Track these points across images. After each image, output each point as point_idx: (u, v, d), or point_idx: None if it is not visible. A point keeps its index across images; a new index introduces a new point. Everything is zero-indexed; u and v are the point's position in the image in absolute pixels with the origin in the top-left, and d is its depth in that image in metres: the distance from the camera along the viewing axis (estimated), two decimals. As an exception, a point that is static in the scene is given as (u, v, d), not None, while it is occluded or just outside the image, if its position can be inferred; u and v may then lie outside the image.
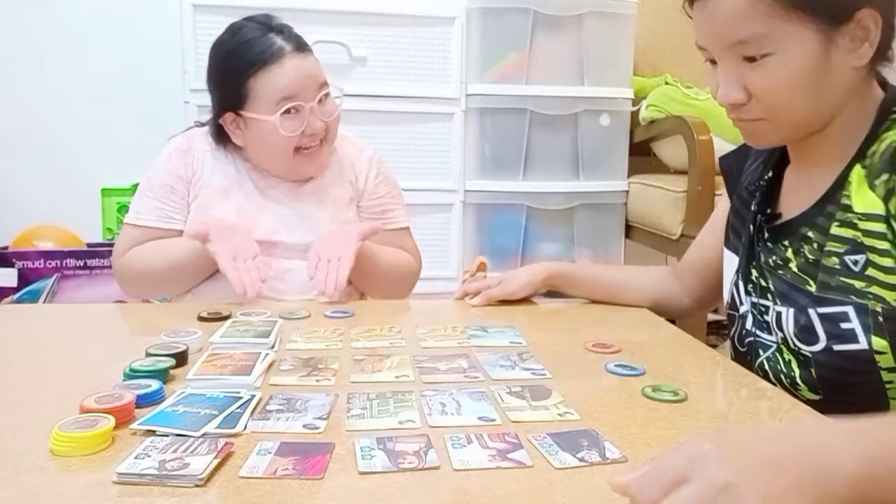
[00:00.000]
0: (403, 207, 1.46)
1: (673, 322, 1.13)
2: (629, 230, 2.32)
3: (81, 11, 2.36)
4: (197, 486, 0.56)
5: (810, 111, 0.83)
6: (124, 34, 2.38)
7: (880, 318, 0.79)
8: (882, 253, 0.79)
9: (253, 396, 0.73)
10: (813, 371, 0.84)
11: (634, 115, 2.26)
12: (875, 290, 0.79)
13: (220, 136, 1.34)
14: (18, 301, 2.00)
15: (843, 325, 0.81)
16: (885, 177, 0.79)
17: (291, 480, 0.58)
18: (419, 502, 0.55)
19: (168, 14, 2.11)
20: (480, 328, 1.01)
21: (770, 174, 0.96)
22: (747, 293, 0.95)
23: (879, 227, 0.79)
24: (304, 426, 0.68)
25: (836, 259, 0.82)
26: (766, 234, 0.93)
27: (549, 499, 0.56)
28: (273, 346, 0.92)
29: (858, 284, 0.80)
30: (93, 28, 2.38)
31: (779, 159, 0.96)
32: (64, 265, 2.11)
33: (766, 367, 0.90)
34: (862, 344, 0.79)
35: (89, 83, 2.39)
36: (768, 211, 0.94)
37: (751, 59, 0.80)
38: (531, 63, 2.16)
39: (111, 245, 2.31)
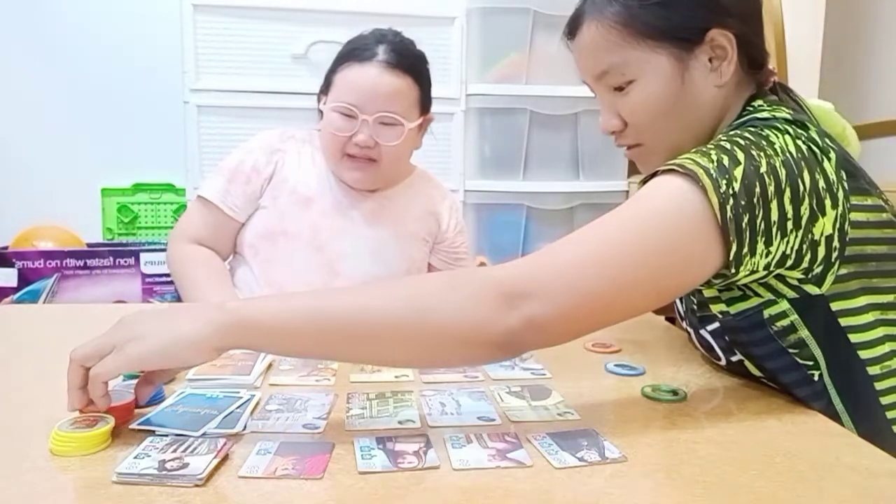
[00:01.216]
0: (470, 255, 1.49)
1: (673, 322, 1.13)
2: (629, 230, 2.32)
3: (81, 11, 2.37)
4: (197, 485, 0.56)
5: (678, 132, 0.84)
6: (124, 34, 2.38)
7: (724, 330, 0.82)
8: None
9: (253, 396, 0.73)
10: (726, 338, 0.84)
11: (634, 114, 2.26)
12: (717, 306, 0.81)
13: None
14: (18, 301, 2.00)
15: (727, 338, 0.83)
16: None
17: (291, 480, 0.58)
18: (419, 502, 0.55)
19: (168, 14, 2.11)
20: (480, 328, 1.01)
21: None
22: (680, 317, 0.97)
23: None
24: (304, 426, 0.68)
25: None
26: None
27: (548, 498, 0.56)
28: (273, 346, 0.92)
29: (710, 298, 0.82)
30: (93, 28, 2.38)
31: None
32: (64, 265, 2.11)
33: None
34: (736, 355, 0.82)
35: (89, 83, 2.39)
36: None
37: (619, 89, 0.84)
38: (531, 63, 2.16)
39: (111, 245, 2.33)
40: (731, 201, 0.68)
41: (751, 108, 0.82)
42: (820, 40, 2.25)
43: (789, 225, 0.71)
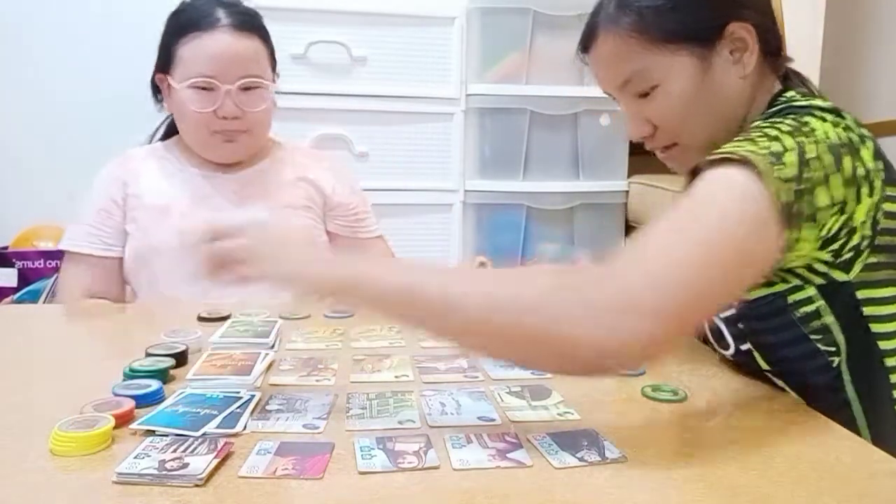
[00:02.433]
0: (373, 216, 1.43)
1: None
2: (629, 230, 2.32)
3: (81, 11, 2.36)
4: (197, 485, 0.56)
5: (710, 127, 0.84)
6: (124, 34, 2.38)
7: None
8: None
9: (253, 396, 0.73)
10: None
11: (634, 115, 2.26)
12: None
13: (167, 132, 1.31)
14: (18, 301, 2.00)
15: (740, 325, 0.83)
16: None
17: (291, 480, 0.58)
18: (419, 502, 0.55)
19: (168, 14, 2.11)
20: (480, 328, 1.01)
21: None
22: None
23: None
24: (304, 426, 0.68)
25: None
26: None
27: (548, 498, 0.56)
28: (273, 346, 0.92)
29: None
30: (93, 28, 2.37)
31: None
32: (64, 265, 2.11)
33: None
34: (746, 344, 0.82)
35: (89, 83, 2.39)
36: None
37: (643, 95, 0.84)
38: (531, 63, 2.16)
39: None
40: (786, 187, 0.68)
41: (783, 99, 0.82)
42: (820, 40, 2.25)
43: (834, 210, 0.71)
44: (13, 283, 2.06)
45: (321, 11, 2.05)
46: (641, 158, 2.32)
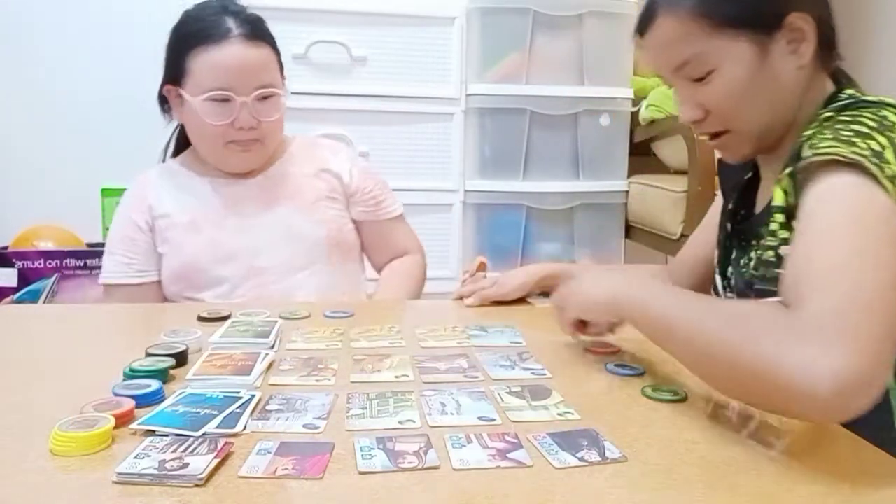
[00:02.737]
0: (392, 195, 1.43)
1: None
2: (629, 230, 2.32)
3: (81, 11, 2.36)
4: (197, 485, 0.56)
5: (766, 116, 0.85)
6: (124, 34, 2.38)
7: None
8: (787, 242, 0.80)
9: (253, 396, 0.73)
10: None
11: (634, 115, 2.26)
12: None
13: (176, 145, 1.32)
14: (18, 301, 2.00)
15: None
16: (786, 171, 0.79)
17: (291, 480, 0.58)
18: (419, 502, 0.55)
19: (168, 14, 2.11)
20: (480, 328, 1.01)
21: (750, 174, 0.99)
22: (724, 288, 0.98)
23: (782, 217, 0.81)
24: (304, 426, 0.68)
25: (771, 252, 0.83)
26: (742, 235, 0.95)
27: (548, 499, 0.56)
28: (273, 346, 0.92)
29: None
30: (92, 27, 2.38)
31: (755, 161, 0.98)
32: (64, 265, 2.11)
33: None
34: None
35: (89, 83, 2.39)
36: (742, 211, 0.97)
37: (698, 79, 0.84)
38: (531, 63, 2.16)
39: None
40: (892, 185, 0.68)
41: (846, 94, 0.83)
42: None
43: None
44: (13, 283, 2.06)
45: (321, 11, 2.05)
46: (641, 158, 2.33)
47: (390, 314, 1.15)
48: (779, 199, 0.81)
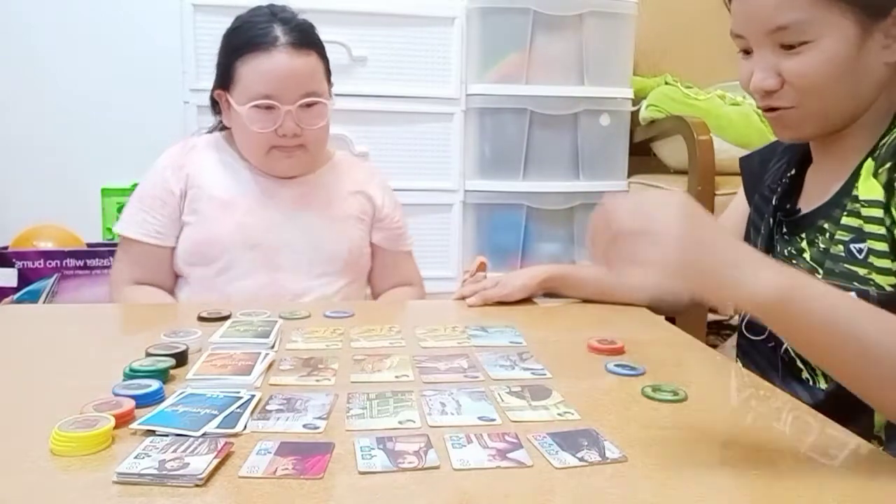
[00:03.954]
0: (408, 230, 1.46)
1: (673, 322, 1.13)
2: (629, 230, 2.32)
3: (81, 11, 2.36)
4: (197, 485, 0.56)
5: (841, 101, 0.84)
6: (124, 34, 2.38)
7: (876, 304, 0.79)
8: (879, 238, 0.80)
9: (253, 396, 0.73)
10: None
11: (634, 115, 2.26)
12: (874, 276, 0.80)
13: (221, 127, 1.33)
14: (18, 301, 2.00)
15: None
16: (888, 165, 0.79)
17: (291, 480, 0.58)
18: (419, 502, 0.55)
19: (168, 14, 2.11)
20: (480, 328, 1.01)
21: (793, 172, 0.97)
22: None
23: (878, 212, 0.80)
24: (304, 426, 0.68)
25: (841, 247, 0.83)
26: (785, 228, 0.95)
27: (549, 499, 0.56)
28: (273, 346, 0.92)
29: (861, 271, 0.81)
30: (92, 28, 2.38)
31: (802, 158, 0.97)
32: (64, 265, 2.11)
33: (792, 353, 0.89)
34: None
35: (89, 83, 2.39)
36: (788, 206, 0.96)
37: (788, 47, 0.82)
38: (531, 63, 2.16)
39: (111, 245, 2.32)
40: None
41: None
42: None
43: None
44: (13, 283, 2.06)
45: (321, 11, 2.04)
46: (641, 158, 2.32)
47: (390, 314, 1.15)
48: (875, 192, 0.80)
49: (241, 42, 1.23)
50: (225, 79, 1.26)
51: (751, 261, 0.63)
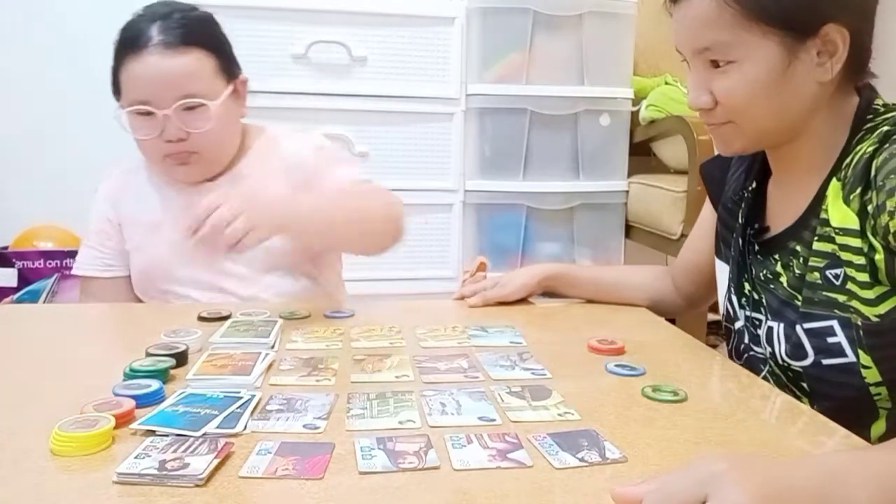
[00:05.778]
0: (349, 163, 1.32)
1: (673, 322, 1.13)
2: (629, 230, 2.32)
3: (80, 11, 2.36)
4: (197, 486, 0.56)
5: (772, 119, 0.83)
6: (124, 34, 2.38)
7: (861, 333, 0.78)
8: (858, 268, 0.78)
9: (253, 396, 0.73)
10: (805, 385, 0.84)
11: (634, 115, 2.26)
12: (855, 304, 0.79)
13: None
14: (18, 301, 2.00)
15: (830, 340, 0.81)
16: (858, 190, 0.78)
17: (291, 480, 0.58)
18: (419, 502, 0.55)
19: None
20: (480, 328, 1.01)
21: (753, 185, 0.96)
22: (741, 307, 0.95)
23: (855, 241, 0.79)
24: (304, 426, 0.68)
25: (817, 274, 0.82)
26: (757, 248, 0.93)
27: (549, 499, 0.56)
28: (273, 346, 0.92)
29: (841, 298, 0.80)
30: (92, 28, 2.37)
31: (760, 170, 0.96)
32: (64, 265, 2.11)
33: (770, 381, 0.89)
34: (850, 357, 0.79)
35: (89, 83, 2.38)
36: (756, 225, 0.94)
37: (716, 65, 0.82)
38: (531, 63, 2.16)
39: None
40: None
41: (878, 106, 0.83)
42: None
43: None
44: (13, 283, 2.06)
45: (321, 11, 2.05)
46: (641, 158, 2.32)
47: (390, 314, 1.15)
48: (849, 221, 0.79)
49: (119, 45, 1.17)
50: (115, 87, 1.20)
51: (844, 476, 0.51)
